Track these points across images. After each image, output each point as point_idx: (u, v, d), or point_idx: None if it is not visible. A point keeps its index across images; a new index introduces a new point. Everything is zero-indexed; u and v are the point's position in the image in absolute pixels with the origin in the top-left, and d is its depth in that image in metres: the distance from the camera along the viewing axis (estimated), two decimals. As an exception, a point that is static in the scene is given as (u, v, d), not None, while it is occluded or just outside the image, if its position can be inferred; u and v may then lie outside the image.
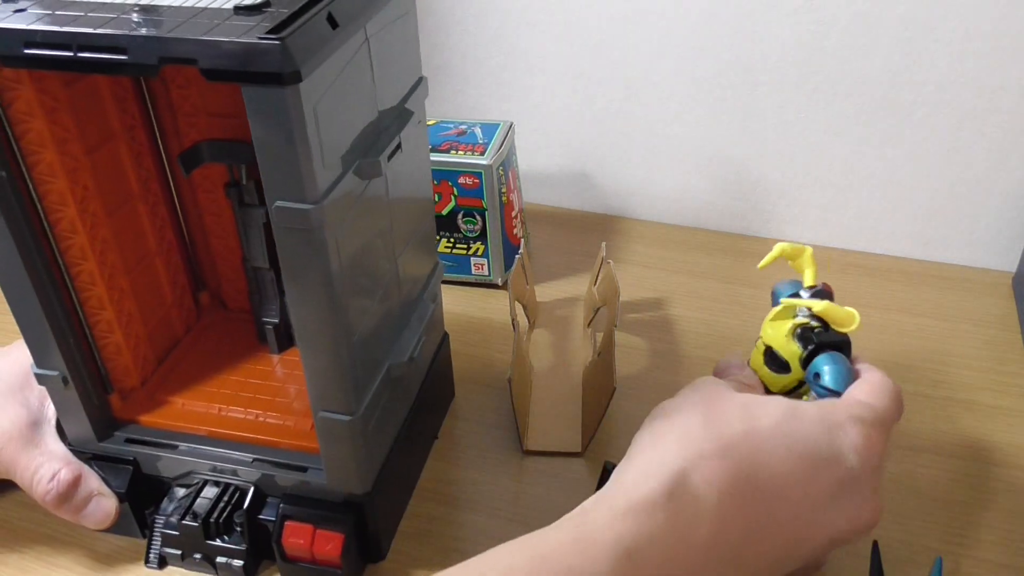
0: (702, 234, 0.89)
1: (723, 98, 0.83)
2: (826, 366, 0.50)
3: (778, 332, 0.53)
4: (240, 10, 0.40)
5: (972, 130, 0.76)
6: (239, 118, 0.55)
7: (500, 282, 0.81)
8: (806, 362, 0.51)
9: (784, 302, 0.54)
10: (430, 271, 0.61)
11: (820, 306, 0.51)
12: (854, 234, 0.85)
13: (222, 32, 0.38)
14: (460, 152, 0.75)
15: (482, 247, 0.78)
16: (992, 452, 0.62)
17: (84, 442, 0.55)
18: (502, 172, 0.75)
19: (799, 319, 0.53)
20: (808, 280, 0.54)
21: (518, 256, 0.72)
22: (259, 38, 0.37)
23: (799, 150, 0.83)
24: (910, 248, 0.84)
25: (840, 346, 0.51)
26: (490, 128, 0.79)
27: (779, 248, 0.53)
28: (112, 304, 0.54)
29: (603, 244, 0.75)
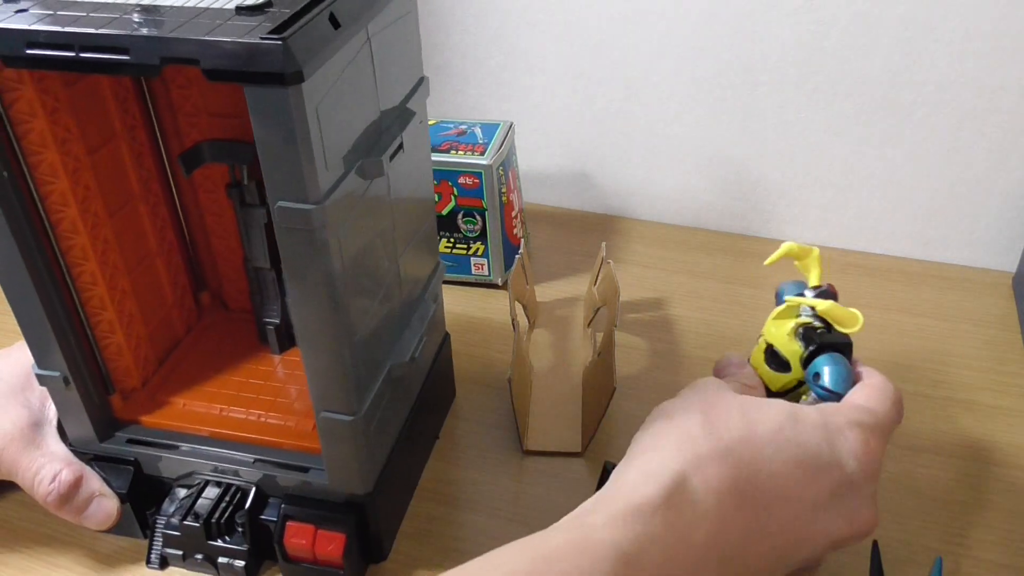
0: (702, 234, 0.89)
1: (723, 98, 0.83)
2: (826, 367, 0.50)
3: (780, 330, 0.53)
4: (242, 10, 0.40)
5: (972, 130, 0.76)
6: (240, 118, 0.55)
7: (500, 282, 0.81)
8: (807, 362, 0.52)
9: (788, 300, 0.53)
10: (431, 271, 0.61)
11: (824, 305, 0.51)
12: (854, 234, 0.85)
13: (224, 32, 0.38)
14: (460, 152, 0.75)
15: (482, 247, 0.78)
16: (992, 452, 0.62)
17: (85, 443, 0.55)
18: (502, 172, 0.75)
19: (802, 318, 0.53)
20: (813, 280, 0.54)
21: (518, 256, 0.72)
22: (261, 38, 0.37)
23: (799, 150, 0.83)
24: (910, 248, 0.84)
25: (842, 348, 0.51)
26: (490, 128, 0.79)
27: (786, 247, 0.53)
28: (113, 304, 0.54)
29: (603, 244, 0.75)
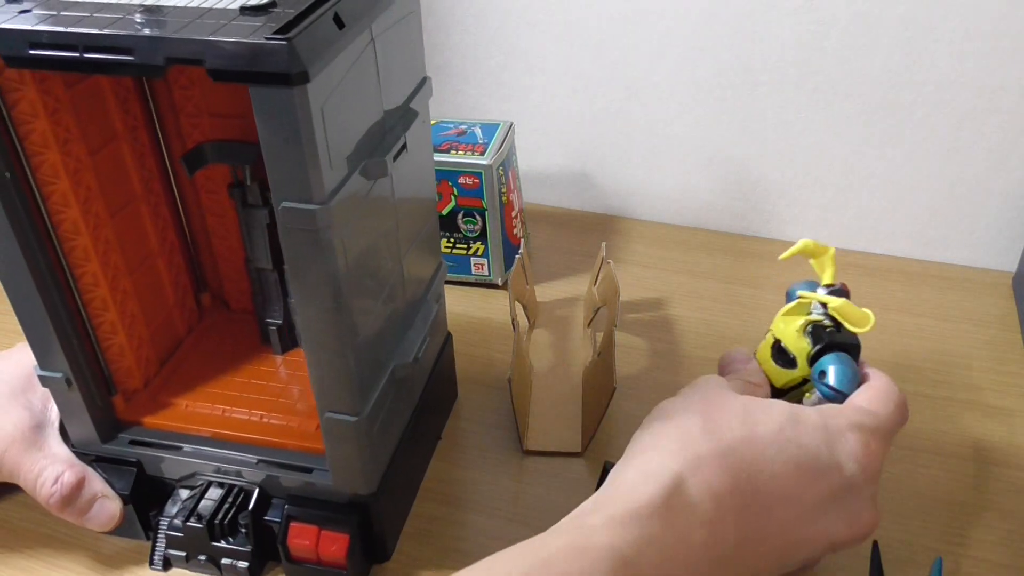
0: (702, 234, 0.89)
1: (723, 98, 0.83)
2: (832, 365, 0.50)
3: (790, 327, 0.53)
4: (246, 10, 0.40)
5: (972, 130, 0.76)
6: (242, 118, 0.55)
7: (500, 282, 0.80)
8: (814, 360, 0.51)
9: (800, 294, 0.53)
10: (434, 271, 0.60)
11: (836, 303, 0.51)
12: (854, 234, 0.85)
13: (229, 32, 0.38)
14: (460, 152, 0.75)
15: (482, 247, 0.78)
16: (992, 452, 0.62)
17: (87, 444, 0.55)
18: (502, 172, 0.75)
19: (813, 316, 0.52)
20: (827, 278, 0.53)
21: (518, 256, 0.72)
22: (266, 38, 0.37)
23: (799, 150, 0.83)
24: (910, 248, 0.84)
25: (850, 348, 0.51)
26: (490, 128, 0.79)
27: (802, 243, 0.53)
28: (115, 305, 0.54)
29: (603, 244, 0.75)
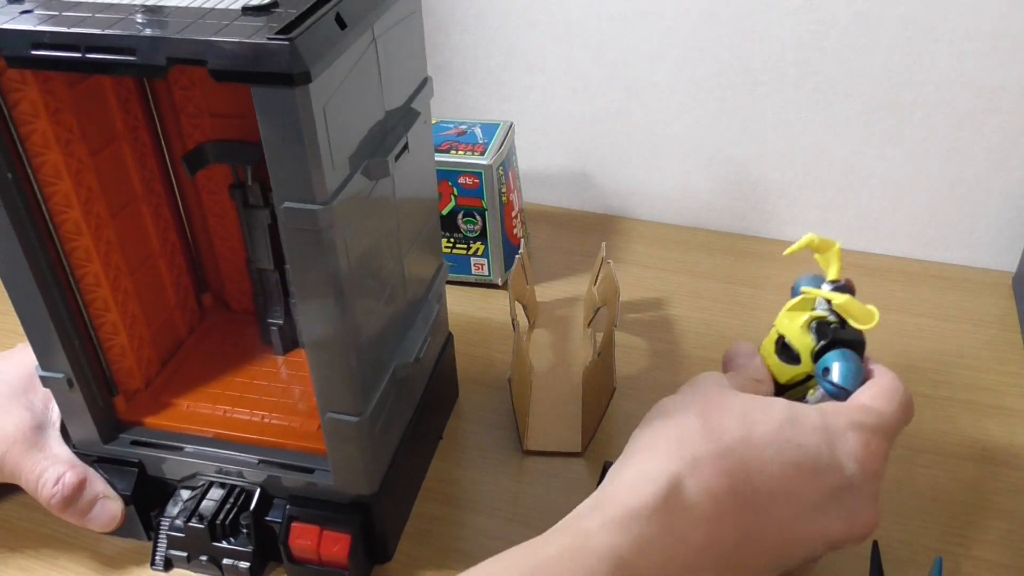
0: (702, 234, 0.89)
1: (723, 98, 0.83)
2: (837, 362, 0.50)
3: (794, 322, 0.52)
4: (248, 10, 0.40)
5: (972, 130, 0.76)
6: (243, 119, 0.55)
7: (500, 282, 0.80)
8: (818, 356, 0.51)
9: (804, 291, 0.53)
10: (435, 271, 0.60)
11: (841, 299, 0.51)
12: (854, 234, 0.85)
13: (231, 33, 0.38)
14: (460, 152, 0.75)
15: (482, 247, 0.78)
16: (992, 452, 0.62)
17: (89, 445, 0.55)
18: (502, 172, 0.75)
19: (817, 312, 0.52)
20: (832, 274, 0.53)
21: (518, 256, 0.72)
22: (269, 39, 0.37)
23: (799, 150, 0.83)
24: (910, 248, 0.84)
25: (854, 344, 0.51)
26: (490, 128, 0.79)
27: (808, 238, 0.52)
28: (116, 306, 0.54)
29: (603, 244, 0.75)
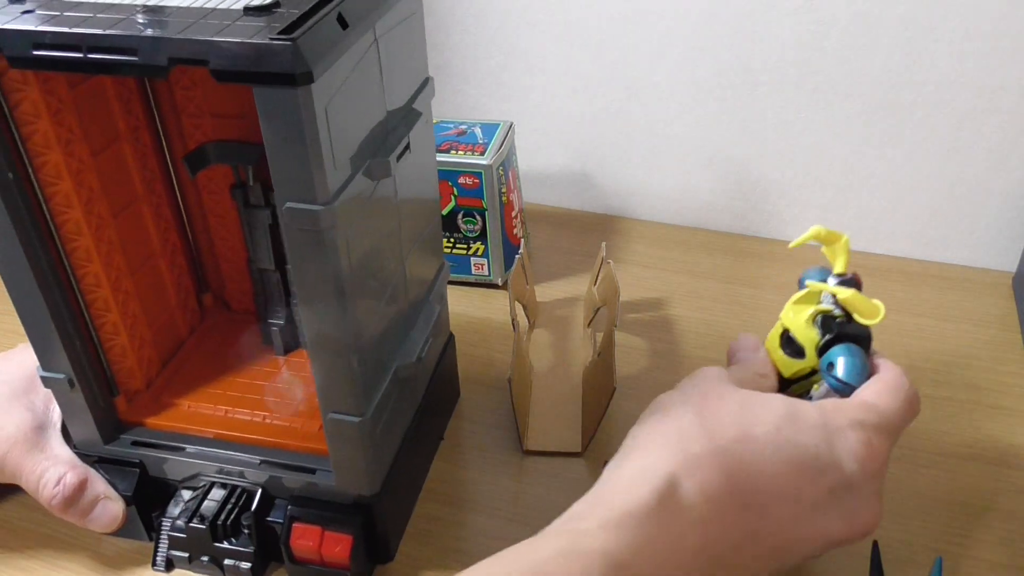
0: (702, 234, 0.89)
1: (723, 98, 0.83)
2: (841, 357, 0.49)
3: (799, 316, 0.51)
4: (250, 11, 0.40)
5: (972, 130, 0.77)
6: (244, 119, 0.55)
7: (500, 282, 0.80)
8: (823, 350, 0.50)
9: (809, 284, 0.52)
10: (436, 272, 0.60)
11: (845, 294, 0.50)
12: (854, 234, 0.83)
13: (233, 33, 0.38)
14: (460, 152, 0.75)
15: (482, 247, 0.78)
16: (992, 452, 0.63)
17: (90, 445, 0.55)
18: (502, 172, 0.75)
19: (823, 306, 0.51)
20: (839, 267, 0.52)
21: (518, 256, 0.72)
22: (271, 39, 0.37)
23: (799, 150, 0.83)
24: (910, 248, 0.84)
25: (860, 339, 0.50)
26: (490, 128, 0.79)
27: (815, 230, 0.51)
28: (117, 306, 0.54)
29: (603, 244, 0.75)
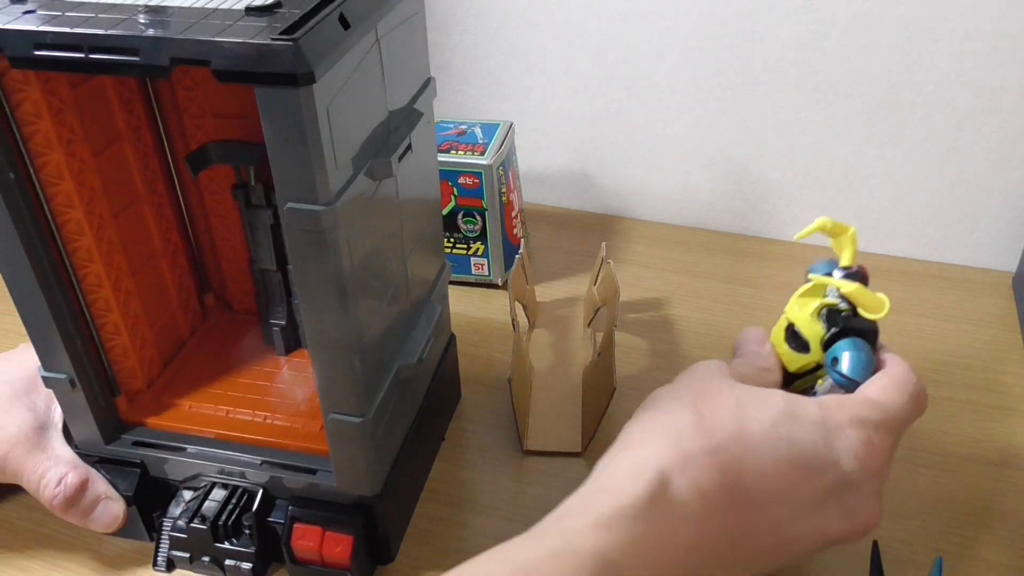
0: (702, 234, 0.89)
1: (723, 98, 0.83)
2: (846, 352, 0.48)
3: (804, 309, 0.50)
4: (252, 11, 0.40)
5: (972, 130, 0.77)
6: (246, 119, 0.55)
7: (500, 282, 0.80)
8: (827, 345, 0.49)
9: (812, 277, 0.51)
10: (438, 272, 0.60)
11: (849, 287, 0.48)
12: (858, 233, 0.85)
13: (234, 33, 0.38)
14: (460, 152, 0.75)
15: (482, 247, 0.78)
16: (992, 452, 0.63)
17: (91, 445, 0.55)
18: (502, 172, 0.75)
19: (829, 299, 0.50)
20: (845, 260, 0.50)
21: (518, 256, 0.72)
22: (272, 39, 0.37)
23: (799, 150, 0.83)
24: (910, 248, 0.84)
25: (866, 334, 0.49)
26: (490, 128, 0.79)
27: (820, 222, 0.49)
28: (118, 306, 0.54)
29: (603, 244, 0.75)
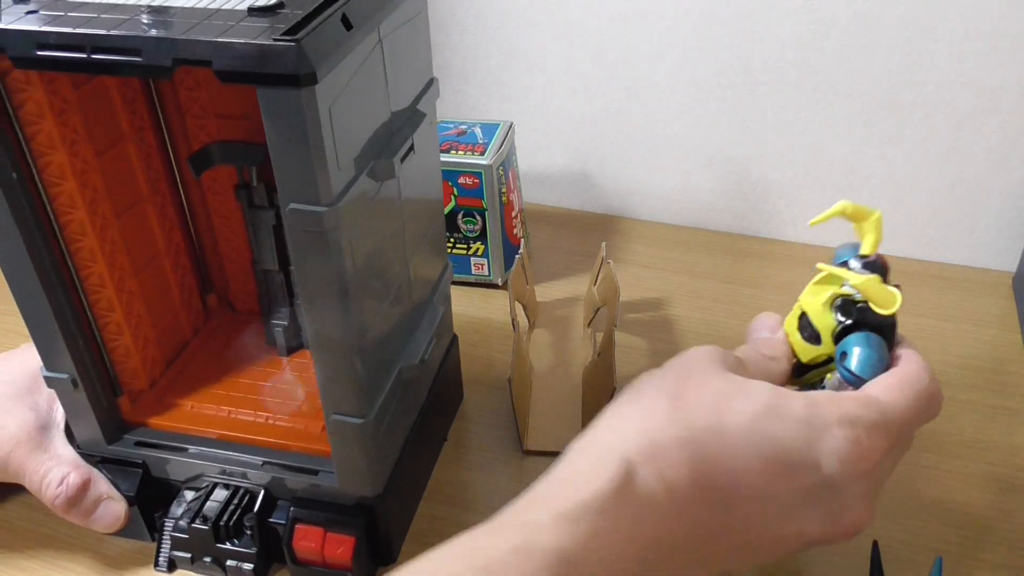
0: (702, 234, 0.89)
1: (723, 98, 0.83)
2: (857, 347, 0.45)
3: (817, 298, 0.47)
4: (254, 11, 0.40)
5: (972, 130, 0.77)
6: (249, 119, 0.55)
7: (500, 282, 0.81)
8: (840, 337, 0.46)
9: (819, 267, 0.48)
10: (440, 272, 0.61)
11: (858, 279, 0.45)
12: (854, 234, 0.85)
13: (237, 34, 0.38)
14: (460, 152, 0.75)
15: (482, 247, 0.78)
16: (992, 452, 0.63)
17: (93, 445, 0.55)
18: (502, 172, 0.75)
19: (844, 289, 0.47)
20: (865, 247, 0.48)
21: (518, 256, 0.72)
22: (275, 39, 0.37)
23: (799, 150, 0.83)
24: (910, 248, 0.84)
25: (882, 328, 0.45)
26: (490, 128, 0.79)
27: (841, 205, 0.47)
28: (121, 306, 0.54)
29: (603, 244, 0.75)
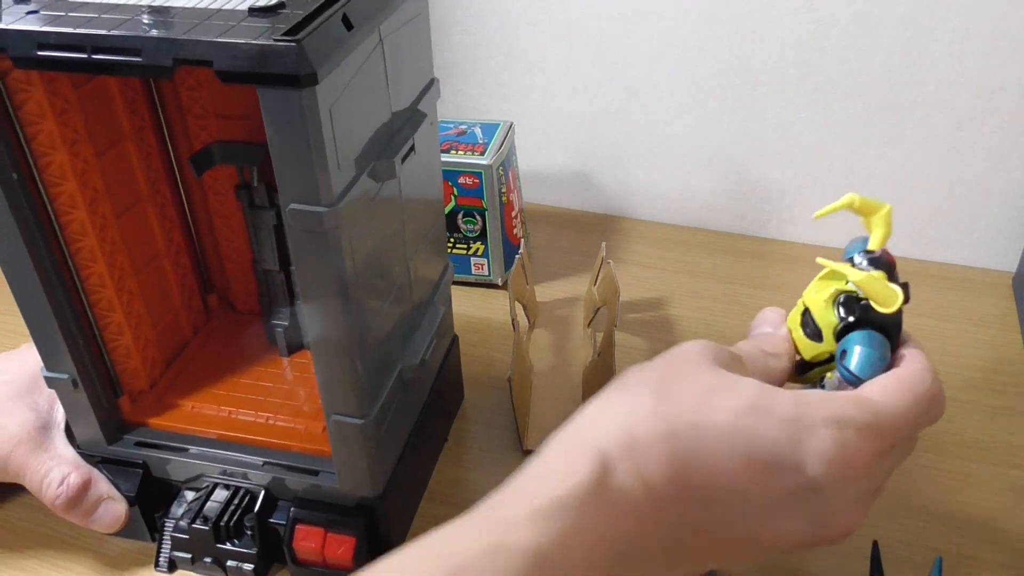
0: (702, 234, 0.89)
1: (723, 98, 0.83)
2: (857, 346, 0.43)
3: (820, 294, 0.46)
4: (255, 11, 0.40)
5: (972, 130, 0.77)
6: (249, 120, 0.55)
7: (500, 282, 0.81)
8: (841, 335, 0.45)
9: (820, 261, 0.46)
10: (441, 273, 0.60)
11: (859, 276, 0.44)
12: (853, 234, 0.84)
13: (237, 34, 0.38)
14: (460, 152, 0.75)
15: (482, 247, 0.78)
16: (992, 452, 0.63)
17: (93, 445, 0.55)
18: (502, 172, 0.75)
19: (849, 285, 0.45)
20: (872, 243, 0.46)
21: (518, 256, 0.72)
22: (275, 40, 0.37)
23: (799, 150, 0.83)
24: (910, 248, 0.84)
25: (885, 326, 0.44)
26: (490, 128, 0.79)
27: (848, 198, 0.45)
28: (121, 306, 0.54)
29: (603, 244, 0.75)
